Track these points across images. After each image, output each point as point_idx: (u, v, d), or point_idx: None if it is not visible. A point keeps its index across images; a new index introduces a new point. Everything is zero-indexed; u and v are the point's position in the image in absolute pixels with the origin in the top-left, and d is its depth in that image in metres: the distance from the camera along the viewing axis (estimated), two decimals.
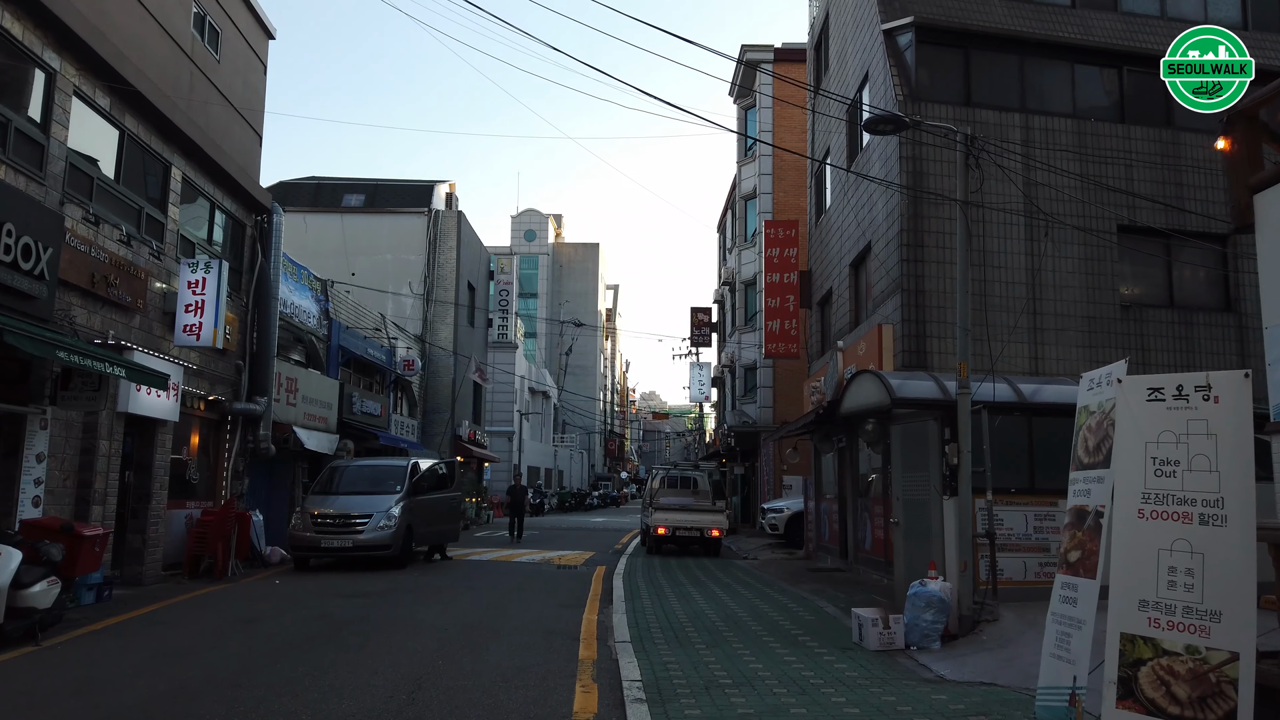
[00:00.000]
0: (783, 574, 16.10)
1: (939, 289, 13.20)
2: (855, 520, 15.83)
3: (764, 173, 27.65)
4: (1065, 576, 4.94)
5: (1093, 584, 4.62)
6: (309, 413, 19.75)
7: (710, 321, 35.77)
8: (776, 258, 20.70)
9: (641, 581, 14.44)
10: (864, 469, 15.90)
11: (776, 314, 20.67)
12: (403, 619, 10.16)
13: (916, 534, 9.75)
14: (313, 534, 15.62)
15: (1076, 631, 4.67)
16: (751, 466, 29.86)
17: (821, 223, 19.37)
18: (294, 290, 19.89)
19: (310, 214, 31.66)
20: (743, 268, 29.50)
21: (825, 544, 18.73)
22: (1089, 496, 4.78)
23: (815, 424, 16.38)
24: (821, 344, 19.70)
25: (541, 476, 55.44)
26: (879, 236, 14.51)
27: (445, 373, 31.02)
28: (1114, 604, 4.36)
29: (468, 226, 33.18)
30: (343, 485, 16.97)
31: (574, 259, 77.66)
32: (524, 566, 17.11)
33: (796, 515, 21.80)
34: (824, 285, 18.93)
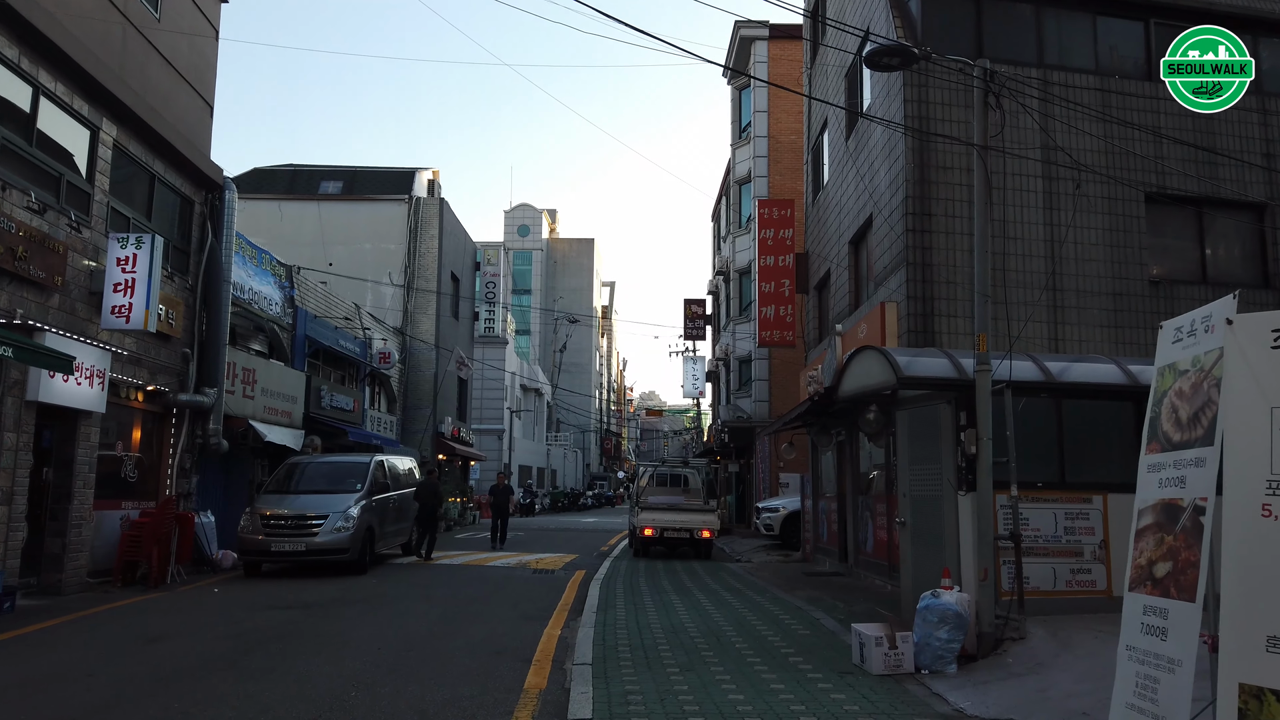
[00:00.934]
0: (777, 579, 14.76)
1: (948, 262, 11.86)
2: (856, 520, 14.49)
3: (759, 155, 26.30)
4: (1150, 597, 3.60)
5: (1192, 609, 3.28)
6: (270, 406, 18.41)
7: (704, 314, 34.42)
8: (771, 239, 19.34)
9: (621, 588, 13.11)
10: (865, 465, 14.56)
11: (771, 299, 19.30)
12: (333, 636, 8.82)
13: (927, 536, 8.41)
14: (262, 537, 14.29)
15: (1168, 675, 3.33)
16: (747, 464, 28.51)
17: (819, 201, 18.03)
18: (254, 275, 18.55)
19: (286, 201, 30.37)
20: (737, 255, 28.12)
21: (823, 546, 17.38)
22: (1183, 486, 3.45)
23: (812, 415, 15.04)
24: (819, 331, 18.36)
25: (534, 476, 54.08)
26: (881, 207, 13.16)
27: (427, 367, 29.69)
28: (1227, 640, 3.03)
29: (451, 215, 31.84)
30: (299, 484, 15.64)
31: (569, 254, 76.32)
32: (496, 571, 15.77)
33: (793, 515, 20.45)
34: (821, 267, 17.59)
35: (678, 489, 22.22)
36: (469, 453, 33.60)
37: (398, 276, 29.86)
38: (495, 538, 20.88)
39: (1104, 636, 7.15)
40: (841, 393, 9.29)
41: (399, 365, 28.48)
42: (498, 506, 21.38)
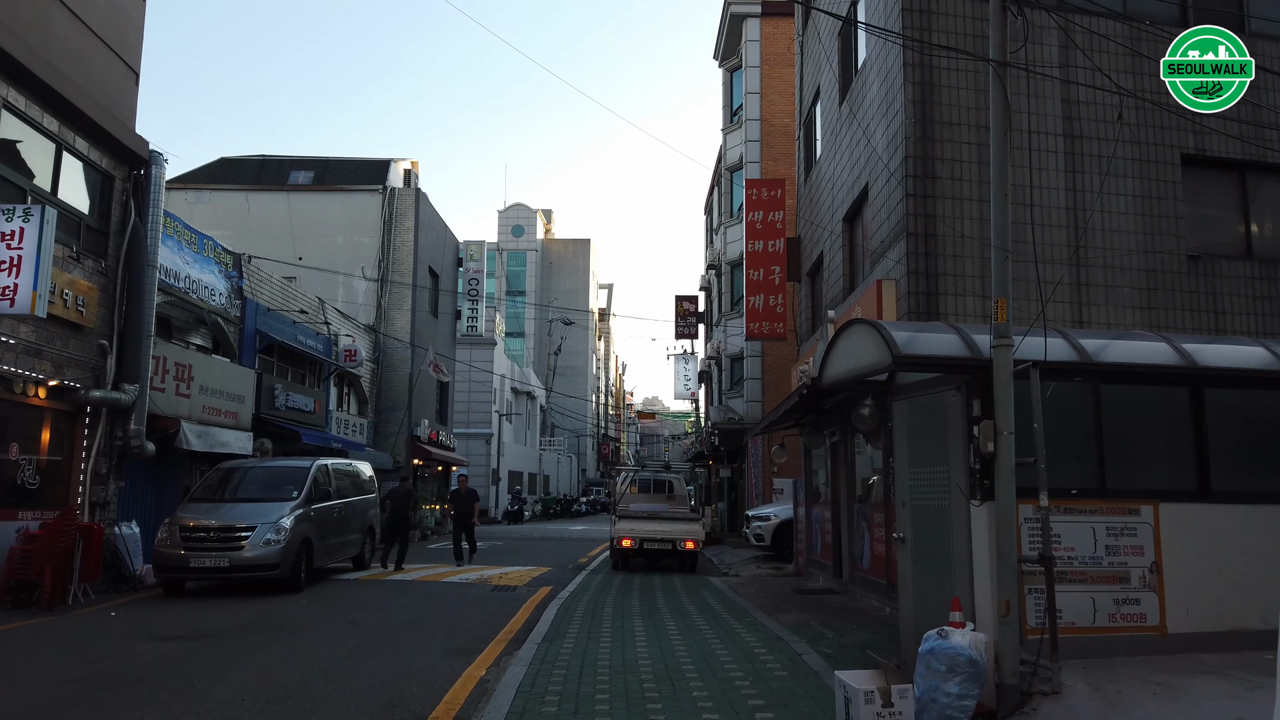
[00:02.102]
0: (762, 597, 13.08)
1: (955, 232, 10.20)
2: (851, 531, 12.84)
3: (750, 139, 24.67)
4: None
5: None
6: (211, 406, 16.80)
7: (696, 311, 32.75)
8: (760, 222, 17.67)
9: (582, 609, 11.45)
10: (862, 469, 12.90)
11: (760, 288, 17.62)
12: (203, 677, 7.18)
13: (930, 556, 6.75)
14: (181, 551, 12.66)
15: None
16: (739, 468, 26.82)
17: (812, 179, 16.39)
18: (193, 262, 16.94)
19: (253, 192, 28.80)
20: (728, 247, 26.48)
21: (817, 559, 15.71)
22: None
23: (801, 411, 13.40)
24: (812, 322, 16.70)
25: (525, 481, 52.39)
26: (878, 173, 11.52)
27: (402, 366, 28.07)
28: None
29: (429, 206, 30.24)
30: (229, 491, 14.02)
31: (564, 255, 74.73)
32: (449, 589, 14.11)
33: (786, 524, 18.77)
34: (814, 251, 15.94)
35: (661, 495, 20.57)
36: (448, 457, 31.94)
37: (371, 270, 28.26)
38: (459, 552, 18.30)
39: (1164, 692, 5.48)
40: (827, 378, 7.63)
41: (370, 364, 26.87)
42: (459, 516, 18.63)
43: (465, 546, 18.39)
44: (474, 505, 18.84)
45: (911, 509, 7.04)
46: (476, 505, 19.30)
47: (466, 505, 18.64)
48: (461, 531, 18.56)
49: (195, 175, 29.29)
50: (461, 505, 18.74)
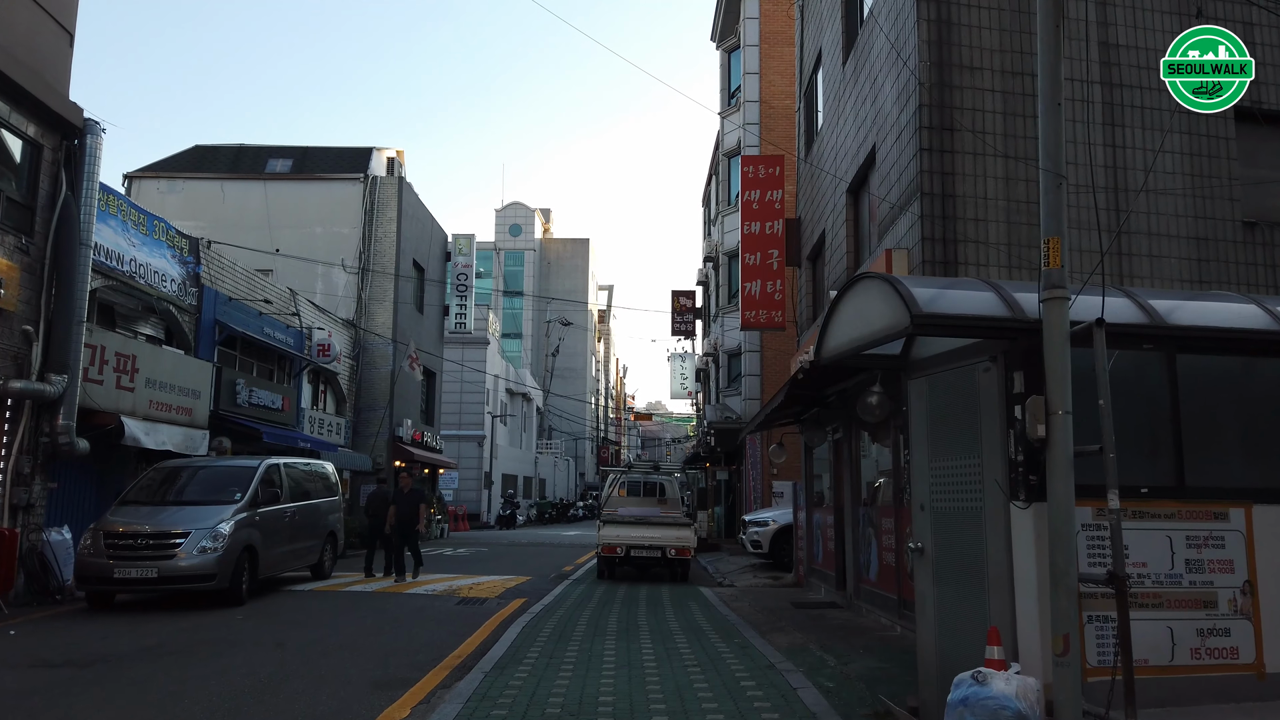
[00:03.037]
0: (757, 612, 11.69)
1: (976, 193, 8.81)
2: (856, 539, 11.44)
3: (749, 122, 23.30)
4: None
5: None
6: (159, 401, 15.43)
7: (694, 306, 31.35)
8: (756, 202, 16.25)
9: (551, 627, 10.07)
10: (868, 468, 11.51)
11: (756, 273, 16.19)
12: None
13: (958, 572, 5.36)
14: (105, 560, 11.28)
15: None
16: (736, 470, 25.40)
17: (813, 153, 15.02)
18: (141, 245, 15.59)
19: (229, 181, 27.51)
20: (725, 237, 25.10)
21: (818, 568, 14.31)
22: None
23: (801, 405, 12.03)
24: (813, 309, 15.30)
25: (520, 485, 50.98)
26: (887, 131, 10.13)
27: (383, 363, 26.72)
28: None
29: (413, 196, 28.91)
30: (166, 493, 12.66)
31: (563, 255, 73.39)
32: (411, 602, 12.72)
33: (785, 529, 17.37)
34: (815, 232, 14.56)
35: (651, 499, 19.15)
36: (434, 459, 30.56)
37: (351, 263, 26.91)
38: (388, 567, 15.34)
39: None
40: (828, 351, 6.24)
41: (349, 361, 25.52)
42: (401, 521, 15.17)
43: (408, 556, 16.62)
44: (419, 508, 15.52)
45: (933, 513, 5.64)
46: (423, 508, 15.83)
47: (409, 508, 15.31)
48: (375, 538, 16.00)
49: (168, 164, 28.01)
50: (403, 508, 15.32)
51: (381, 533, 16.26)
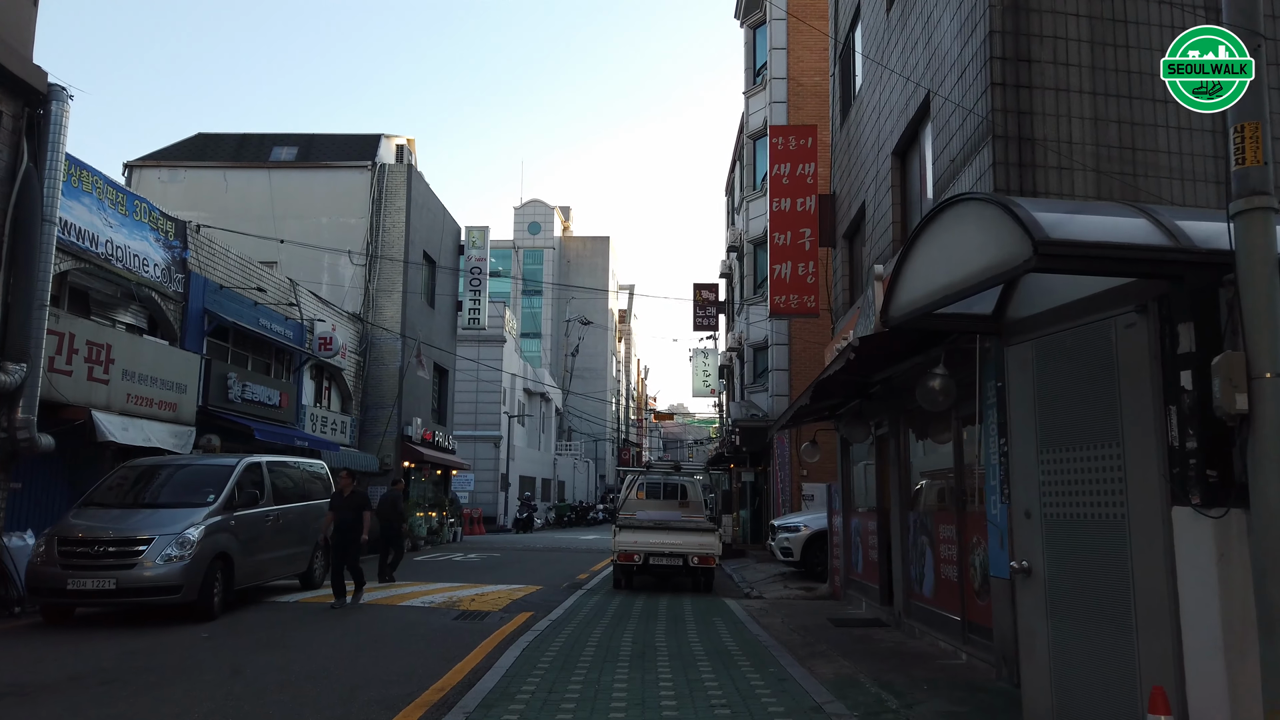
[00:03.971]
0: (792, 632, 10.26)
1: (1060, 136, 7.34)
2: (906, 548, 10.00)
3: (776, 100, 21.88)
4: None
5: None
6: (139, 394, 14.24)
7: (716, 300, 29.89)
8: (786, 177, 14.82)
9: (556, 650, 8.71)
10: (921, 467, 10.09)
11: (786, 255, 14.72)
12: None
13: (1086, 604, 3.94)
14: (58, 569, 10.06)
15: None
16: (763, 471, 23.93)
17: (850, 120, 13.58)
18: (119, 225, 14.42)
19: (232, 169, 26.42)
20: (751, 224, 23.63)
21: (857, 579, 12.87)
22: None
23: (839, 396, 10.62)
24: (849, 293, 13.86)
25: (538, 487, 49.72)
26: (946, 73, 8.70)
27: (391, 359, 25.51)
28: None
29: (424, 186, 27.71)
30: (133, 494, 11.44)
31: (582, 253, 72.13)
32: (403, 616, 11.40)
33: (818, 536, 15.92)
34: (852, 206, 13.12)
35: (672, 502, 17.76)
36: (445, 460, 29.30)
37: (358, 254, 25.72)
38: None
39: None
40: (899, 308, 4.85)
41: (355, 357, 24.32)
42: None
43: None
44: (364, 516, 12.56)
45: (1046, 522, 4.22)
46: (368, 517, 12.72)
47: (353, 515, 12.28)
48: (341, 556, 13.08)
49: (169, 152, 26.98)
50: (345, 514, 12.31)
51: (387, 537, 15.73)
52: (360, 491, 11.89)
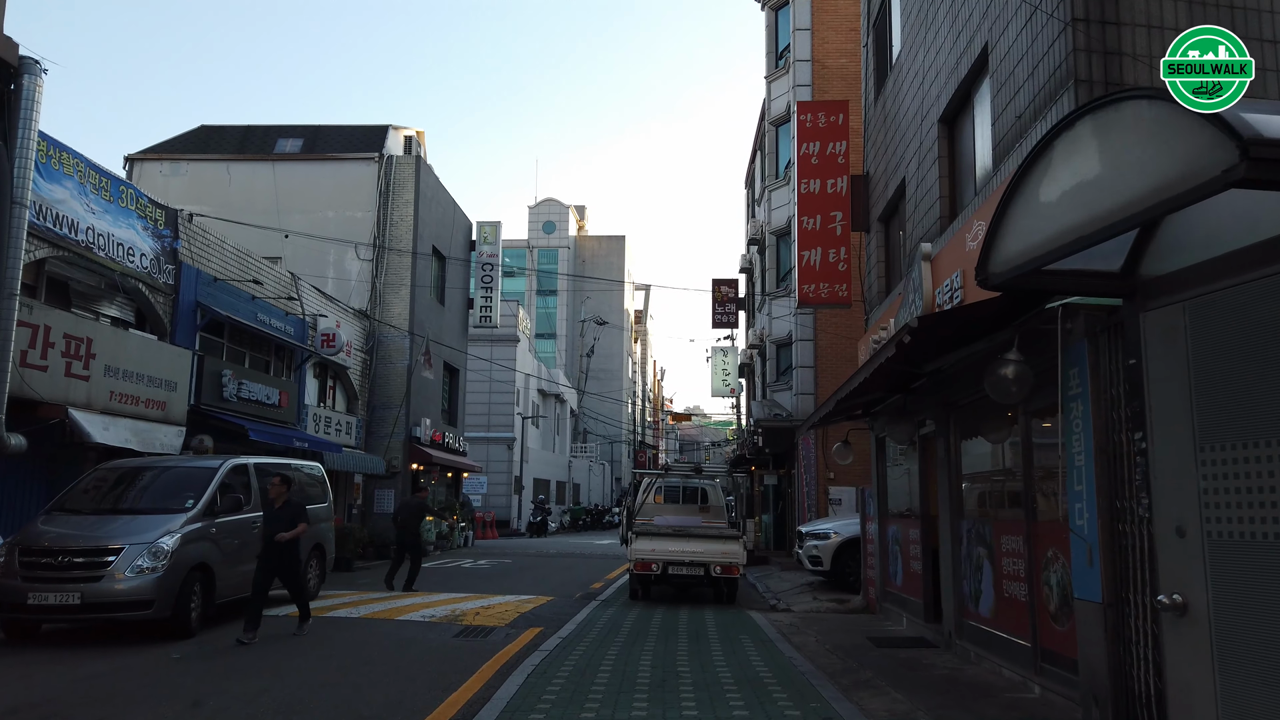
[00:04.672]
0: (829, 654, 9.20)
1: (1156, 81, 6.27)
2: (958, 560, 8.91)
3: (800, 83, 20.80)
4: None
5: None
6: (123, 392, 13.35)
7: (736, 296, 28.83)
8: (816, 156, 13.75)
9: (565, 676, 7.70)
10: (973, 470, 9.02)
11: (816, 240, 13.65)
12: None
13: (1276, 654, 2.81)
14: (18, 582, 9.13)
15: None
16: (787, 474, 22.83)
17: (886, 93, 12.50)
18: (102, 212, 13.54)
19: (235, 162, 25.59)
20: (773, 214, 22.57)
21: (896, 591, 11.79)
22: None
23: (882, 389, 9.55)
24: (886, 280, 12.78)
25: (552, 490, 48.75)
26: (1009, 19, 7.61)
27: (399, 358, 24.60)
28: None
29: (433, 179, 26.80)
30: (106, 500, 10.51)
31: (597, 253, 71.15)
32: (399, 632, 10.40)
33: (850, 543, 14.81)
34: (889, 186, 12.04)
35: (691, 507, 16.70)
36: (455, 462, 28.37)
37: (365, 249, 24.83)
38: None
39: None
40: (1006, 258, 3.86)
41: (361, 355, 23.41)
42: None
43: None
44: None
45: (1211, 543, 3.14)
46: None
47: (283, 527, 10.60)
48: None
49: (171, 145, 26.20)
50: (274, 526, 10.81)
51: (405, 544, 15.12)
52: (295, 502, 10.06)
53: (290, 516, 9.75)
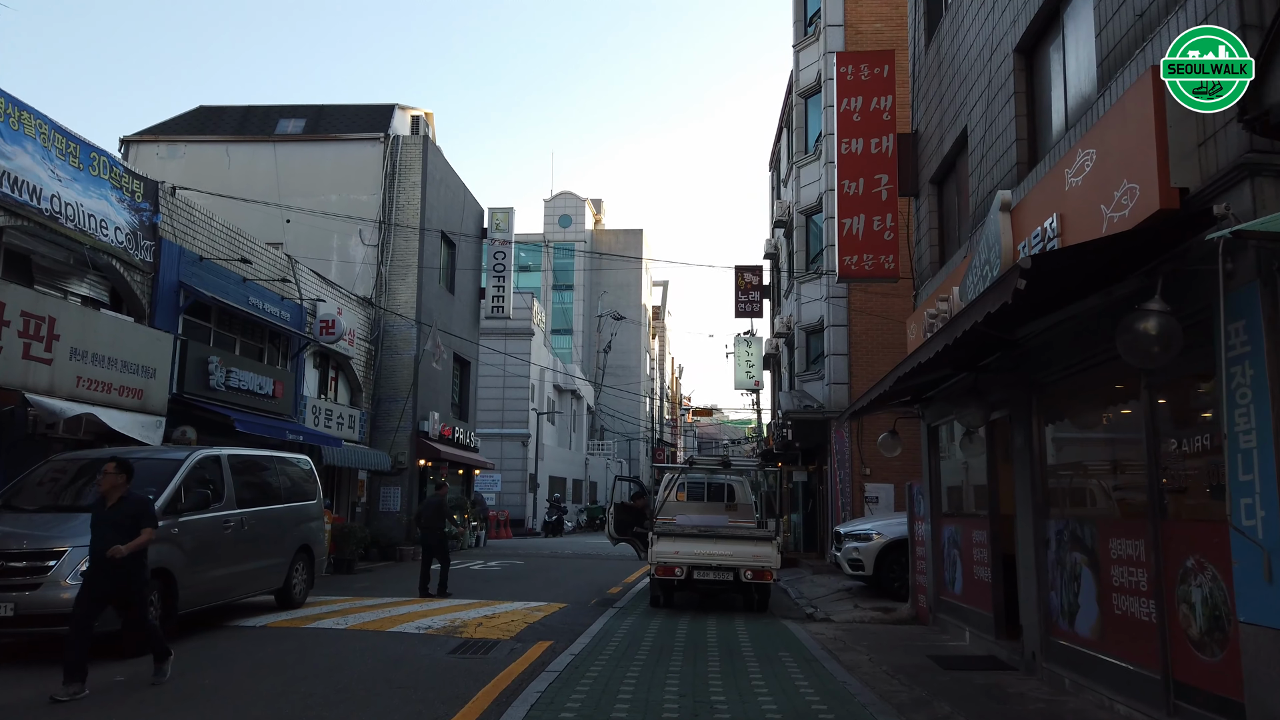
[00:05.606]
0: (890, 677, 7.80)
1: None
2: (1044, 567, 7.49)
3: (831, 50, 19.33)
4: None
5: None
6: (93, 378, 12.10)
7: (760, 284, 27.37)
8: (858, 113, 12.27)
9: (579, 705, 6.36)
10: (1067, 459, 7.61)
11: (858, 206, 12.14)
12: None
13: None
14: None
15: None
16: (817, 470, 21.36)
17: (940, 36, 11.05)
18: (70, 179, 12.31)
19: (235, 144, 24.39)
20: (803, 192, 21.10)
21: (954, 602, 10.36)
22: None
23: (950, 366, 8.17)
24: (939, 249, 11.33)
25: (568, 489, 47.46)
26: None
27: (406, 348, 23.32)
28: None
29: (441, 161, 25.52)
30: (55, 497, 9.26)
31: (614, 247, 69.69)
32: (388, 648, 9.05)
33: (894, 545, 13.37)
34: (946, 140, 10.60)
35: (718, 504, 15.30)
36: (466, 458, 27.07)
37: (370, 234, 23.57)
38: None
39: None
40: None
41: (364, 344, 22.15)
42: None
43: None
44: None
45: None
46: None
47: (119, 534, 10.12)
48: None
49: (169, 126, 25.04)
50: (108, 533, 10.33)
51: (430, 546, 13.95)
52: (136, 498, 7.20)
53: (130, 517, 6.99)
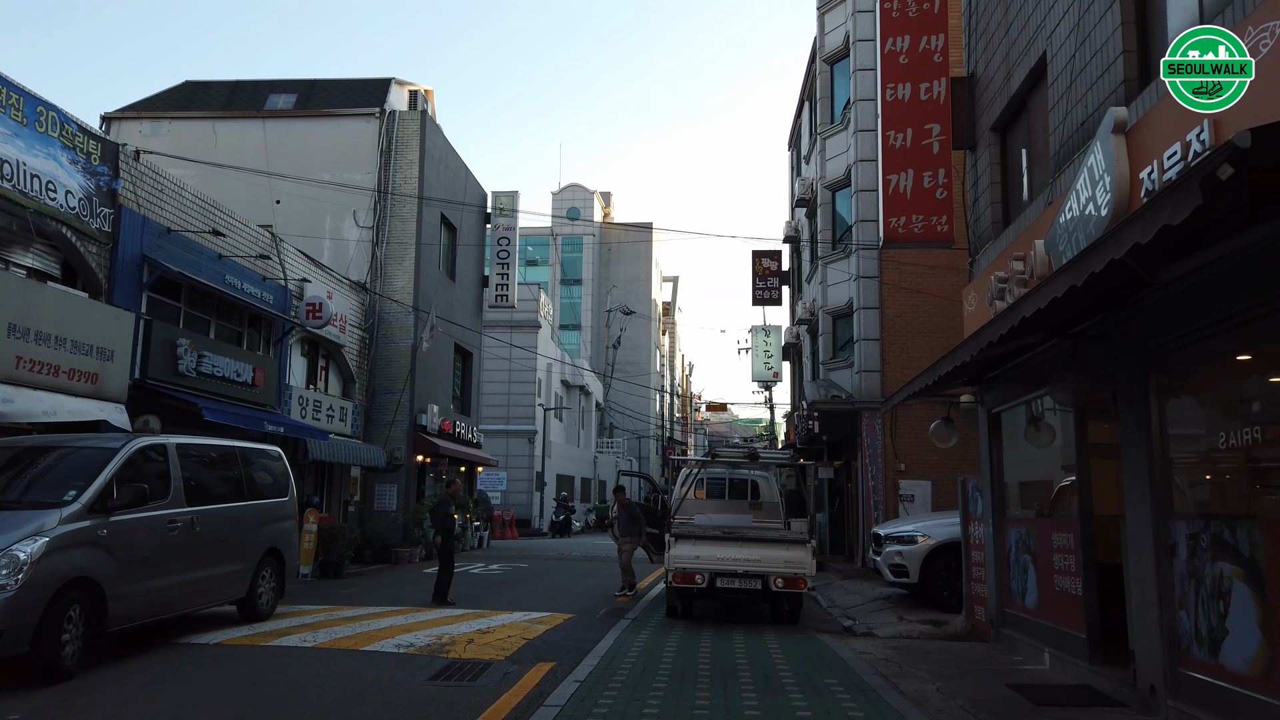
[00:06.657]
0: (965, 708, 6.30)
1: None
2: (1166, 582, 5.96)
3: (862, 10, 17.79)
4: None
5: None
6: (37, 359, 10.66)
7: (779, 269, 25.81)
8: (904, 54, 10.69)
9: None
10: (1200, 444, 6.06)
11: (905, 160, 10.54)
12: None
13: None
14: None
15: None
16: (845, 466, 19.79)
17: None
18: (14, 136, 10.89)
19: (222, 120, 22.99)
20: (828, 165, 19.53)
21: (1026, 616, 8.83)
22: None
23: (1040, 331, 6.67)
24: (1003, 207, 9.79)
25: (576, 487, 45.97)
26: None
27: (403, 336, 21.87)
28: None
29: (441, 138, 24.06)
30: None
31: (624, 241, 68.25)
32: (356, 674, 7.56)
33: (943, 549, 11.82)
34: (1014, 77, 9.06)
35: (741, 503, 13.79)
36: (468, 455, 25.59)
37: (364, 215, 22.13)
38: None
39: None
40: None
41: (358, 331, 20.71)
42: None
43: None
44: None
45: None
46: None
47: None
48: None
49: (154, 102, 23.66)
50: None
51: (446, 551, 12.71)
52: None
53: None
